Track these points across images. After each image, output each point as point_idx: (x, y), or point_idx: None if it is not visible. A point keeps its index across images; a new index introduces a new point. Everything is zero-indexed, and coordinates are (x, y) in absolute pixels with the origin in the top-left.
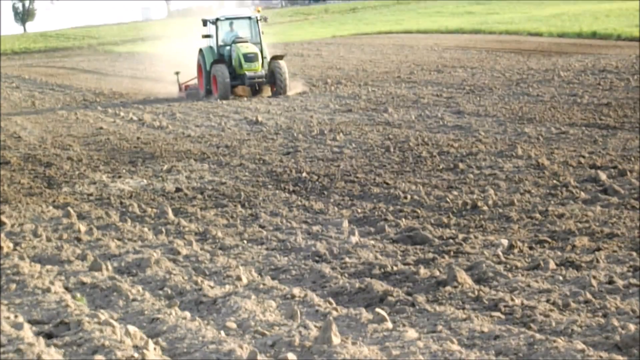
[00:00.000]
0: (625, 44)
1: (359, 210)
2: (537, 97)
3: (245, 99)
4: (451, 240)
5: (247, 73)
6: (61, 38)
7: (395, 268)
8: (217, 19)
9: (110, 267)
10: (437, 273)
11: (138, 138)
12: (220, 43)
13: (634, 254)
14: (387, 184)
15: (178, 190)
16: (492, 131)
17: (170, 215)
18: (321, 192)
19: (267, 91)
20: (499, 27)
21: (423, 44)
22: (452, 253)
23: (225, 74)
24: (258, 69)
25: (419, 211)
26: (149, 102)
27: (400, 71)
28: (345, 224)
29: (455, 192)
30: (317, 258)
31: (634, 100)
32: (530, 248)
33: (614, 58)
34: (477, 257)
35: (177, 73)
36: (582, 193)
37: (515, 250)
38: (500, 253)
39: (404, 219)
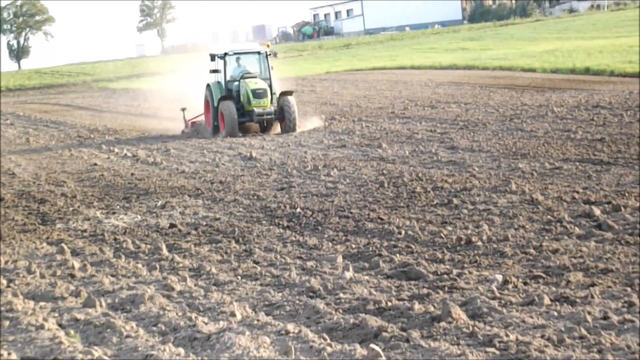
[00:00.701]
0: (618, 79)
1: (353, 246)
2: (531, 132)
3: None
4: (445, 276)
5: (256, 109)
6: (56, 75)
7: (389, 304)
8: (226, 54)
9: (104, 304)
10: (432, 308)
11: (132, 174)
12: (228, 78)
13: (629, 289)
14: (381, 219)
15: (172, 226)
16: (486, 166)
17: (165, 251)
18: (315, 228)
19: (276, 128)
20: (493, 63)
21: (417, 80)
22: (446, 288)
23: (233, 110)
24: (267, 105)
25: (413, 246)
26: (144, 139)
27: (394, 107)
28: (340, 259)
29: (449, 228)
30: (311, 294)
31: (627, 135)
32: (525, 283)
33: (607, 94)
34: (471, 293)
35: (183, 109)
36: (577, 228)
37: (510, 286)
38: (495, 288)
39: (398, 255)
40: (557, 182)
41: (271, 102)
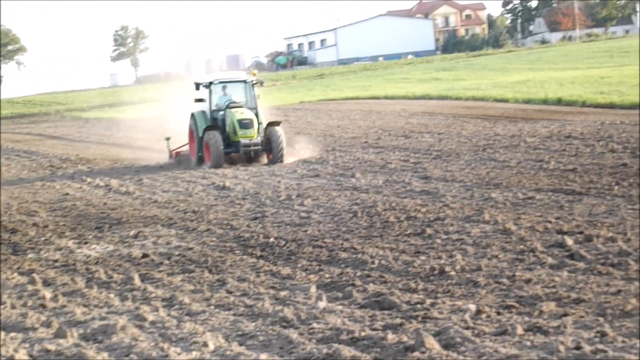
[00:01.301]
0: (590, 110)
1: (327, 276)
2: (504, 162)
3: None
4: (419, 306)
5: (242, 140)
6: (28, 104)
7: (363, 333)
8: (211, 82)
9: (75, 334)
10: (405, 338)
11: (105, 204)
12: (213, 107)
13: (601, 319)
14: (355, 249)
15: (145, 255)
16: (459, 196)
17: (137, 281)
18: (289, 257)
19: (263, 159)
20: (466, 93)
21: (390, 110)
22: (419, 318)
23: (219, 141)
24: (253, 136)
25: (386, 276)
26: (116, 168)
27: (368, 136)
28: (313, 289)
29: (422, 257)
30: (284, 323)
31: (599, 166)
32: (498, 313)
33: (579, 124)
34: (444, 323)
35: (167, 139)
36: (549, 258)
37: (483, 316)
38: (468, 318)
39: (371, 284)
40: (529, 212)
41: (258, 133)
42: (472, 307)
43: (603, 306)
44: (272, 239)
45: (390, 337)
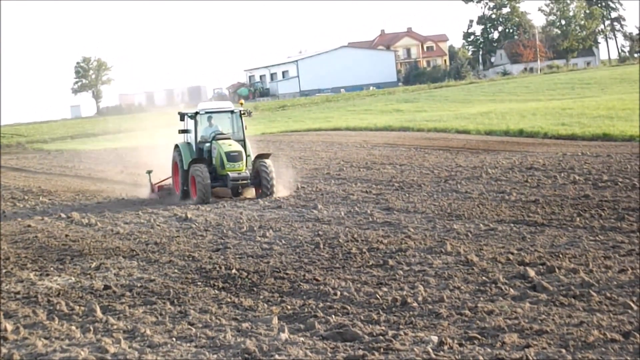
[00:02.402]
0: (551, 141)
1: (289, 307)
2: (466, 193)
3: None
4: (381, 337)
5: (230, 174)
6: None
7: None
8: (197, 113)
9: None
10: None
11: (66, 235)
12: (199, 139)
13: (564, 350)
14: (317, 280)
15: (106, 287)
16: (421, 227)
17: (99, 313)
18: (251, 289)
19: (250, 193)
20: (427, 125)
21: (352, 141)
22: (382, 350)
23: (206, 174)
24: (242, 169)
25: (348, 308)
26: (78, 200)
27: (330, 168)
28: (275, 320)
29: (385, 289)
30: (246, 355)
31: (561, 197)
32: (460, 345)
33: (540, 156)
34: (407, 354)
35: (149, 172)
36: (511, 289)
37: (445, 347)
38: (430, 350)
39: (333, 316)
40: (491, 243)
41: (246, 166)
42: (435, 338)
43: (565, 337)
44: (234, 271)
45: None
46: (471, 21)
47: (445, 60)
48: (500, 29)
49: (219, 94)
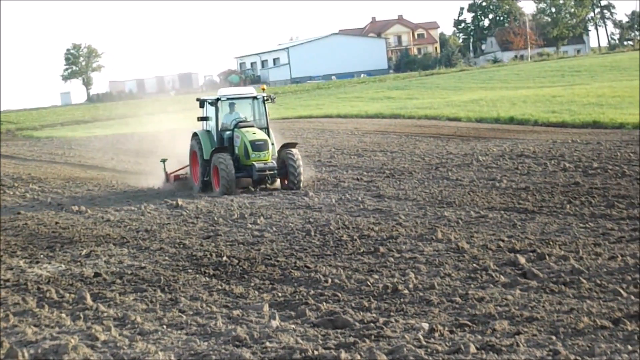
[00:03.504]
0: (542, 129)
1: (280, 294)
2: (457, 181)
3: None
4: (372, 324)
5: (256, 164)
6: None
7: (316, 352)
8: (218, 99)
9: (26, 355)
10: (358, 357)
11: (56, 223)
12: (220, 127)
13: (554, 337)
14: (308, 267)
15: (97, 275)
16: (412, 215)
17: (89, 300)
18: (242, 276)
19: (276, 184)
20: (418, 112)
21: (343, 128)
22: (373, 337)
23: (230, 165)
24: (268, 159)
25: (339, 295)
26: (68, 187)
27: (321, 155)
28: (266, 308)
29: (375, 276)
30: (237, 343)
31: (551, 184)
32: (451, 332)
33: (531, 143)
34: (398, 341)
35: (163, 161)
36: (502, 277)
37: (436, 334)
38: (421, 337)
39: (324, 303)
40: (482, 230)
41: (271, 155)
42: (425, 325)
43: (555, 324)
44: (225, 258)
45: (344, 356)
46: (462, 9)
47: (436, 48)
48: (490, 16)
49: (209, 81)
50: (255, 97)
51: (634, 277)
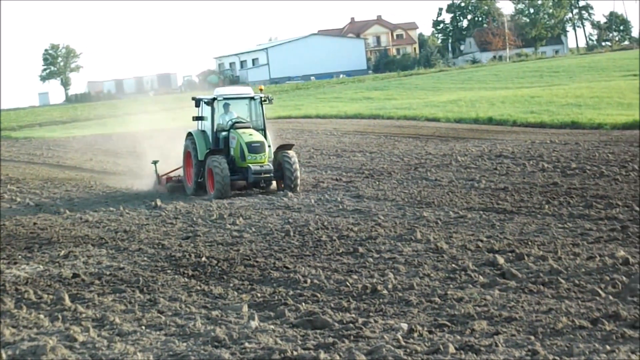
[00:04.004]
0: (520, 129)
1: (259, 295)
2: (436, 181)
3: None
4: (351, 325)
5: (252, 167)
6: None
7: (295, 353)
8: (214, 99)
9: (4, 356)
10: (337, 358)
11: (35, 223)
12: (215, 127)
13: (532, 337)
14: (287, 268)
15: (75, 275)
16: (391, 215)
17: (67, 301)
18: (221, 277)
19: (272, 186)
20: (397, 113)
21: (322, 129)
22: (352, 337)
23: (225, 167)
24: (264, 162)
25: (319, 295)
26: (47, 187)
27: (300, 155)
28: (245, 308)
29: (355, 276)
30: (216, 343)
31: (530, 185)
32: (430, 332)
33: (509, 143)
34: (377, 342)
35: (154, 162)
36: (481, 277)
37: (415, 334)
38: (400, 337)
39: (304, 303)
40: (461, 230)
41: (268, 158)
42: (404, 326)
43: (534, 324)
44: (204, 259)
45: (323, 356)
46: (440, 9)
47: (415, 48)
48: (469, 17)
49: (188, 82)
50: (252, 98)
51: (612, 277)
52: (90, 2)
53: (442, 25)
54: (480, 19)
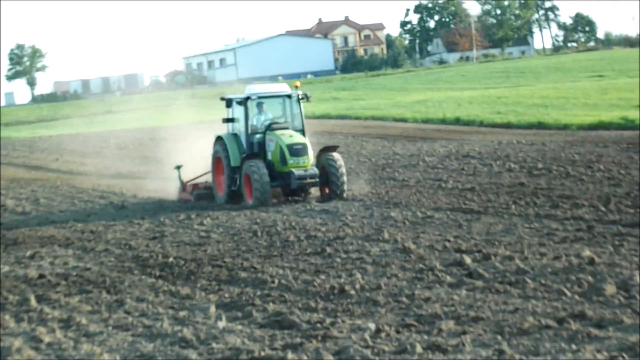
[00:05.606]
0: (487, 130)
1: (227, 295)
2: (403, 181)
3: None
4: (319, 325)
5: (295, 171)
6: None
7: (262, 353)
8: (248, 98)
9: None
10: (305, 358)
11: (0, 224)
12: (250, 130)
13: (499, 337)
14: (255, 268)
15: (41, 276)
16: (358, 215)
17: (33, 302)
18: (188, 277)
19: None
20: (365, 113)
21: None
22: (319, 337)
23: (265, 174)
24: (308, 165)
25: (286, 295)
26: (12, 188)
27: None
28: (213, 309)
29: (322, 276)
30: (183, 344)
31: (496, 185)
32: (397, 332)
33: (476, 144)
34: (344, 342)
35: (177, 167)
36: (448, 277)
37: (383, 334)
38: (368, 337)
39: (271, 304)
40: (428, 230)
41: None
42: (372, 325)
43: (501, 324)
44: (171, 259)
45: (290, 356)
46: (408, 10)
47: (382, 49)
48: (436, 17)
49: (155, 82)
50: (289, 96)
51: (578, 276)
52: (57, 1)
53: (409, 25)
54: (447, 19)
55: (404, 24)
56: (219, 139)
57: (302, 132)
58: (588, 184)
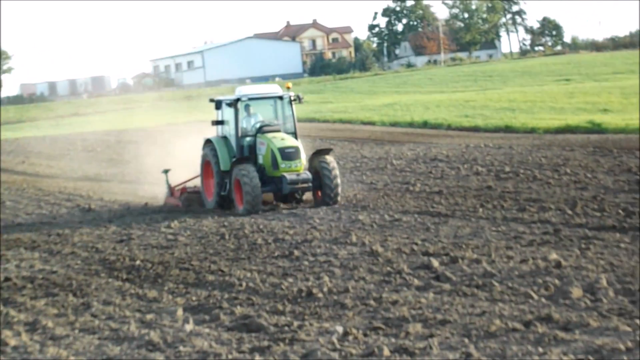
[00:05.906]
0: (455, 133)
1: (194, 298)
2: (371, 184)
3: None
4: (286, 328)
5: (287, 176)
6: None
7: (230, 356)
8: (238, 99)
9: None
10: None
11: None
12: (240, 132)
13: (466, 340)
14: (222, 271)
15: (7, 279)
16: (326, 218)
17: None
18: (155, 280)
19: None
20: (333, 116)
21: None
22: (287, 341)
23: (256, 178)
24: (300, 169)
25: (254, 299)
26: None
27: None
28: (180, 312)
29: (290, 280)
30: (150, 347)
31: (464, 188)
32: (365, 335)
33: (444, 147)
34: (312, 345)
35: (165, 172)
36: (416, 280)
37: (350, 337)
38: (335, 340)
39: (239, 307)
40: (396, 234)
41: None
42: (339, 329)
43: (468, 327)
44: (138, 262)
45: (258, 359)
46: (376, 13)
47: (350, 52)
48: (404, 21)
49: (122, 84)
50: (280, 97)
51: (545, 279)
52: (23, 2)
53: (377, 29)
54: (415, 23)
55: (372, 27)
56: (207, 142)
57: (295, 134)
58: (555, 187)
